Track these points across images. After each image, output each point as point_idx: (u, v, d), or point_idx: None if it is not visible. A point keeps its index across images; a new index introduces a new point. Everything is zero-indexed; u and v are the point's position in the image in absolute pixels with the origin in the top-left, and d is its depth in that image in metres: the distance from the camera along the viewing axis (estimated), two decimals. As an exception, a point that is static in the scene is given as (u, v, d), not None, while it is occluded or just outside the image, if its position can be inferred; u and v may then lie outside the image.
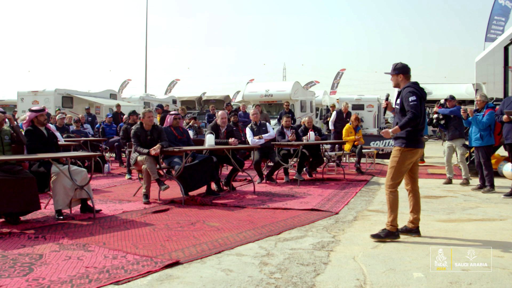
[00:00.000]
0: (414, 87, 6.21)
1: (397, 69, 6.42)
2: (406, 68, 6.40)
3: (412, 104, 6.03)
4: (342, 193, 9.87)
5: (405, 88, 6.24)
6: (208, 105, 33.50)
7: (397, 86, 6.49)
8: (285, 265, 5.06)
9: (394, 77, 6.45)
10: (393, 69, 6.44)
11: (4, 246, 5.80)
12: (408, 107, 6.07)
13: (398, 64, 6.44)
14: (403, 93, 6.25)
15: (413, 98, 6.06)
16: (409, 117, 6.02)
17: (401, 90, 6.32)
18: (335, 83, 53.34)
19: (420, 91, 6.19)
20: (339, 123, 16.65)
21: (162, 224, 7.06)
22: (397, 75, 6.41)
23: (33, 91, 25.22)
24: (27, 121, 8.11)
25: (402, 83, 6.38)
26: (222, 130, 10.72)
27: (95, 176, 12.18)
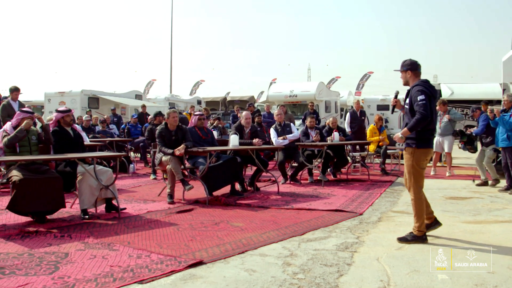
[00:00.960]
0: (423, 85, 6.03)
1: (405, 65, 6.25)
2: (415, 65, 6.22)
3: (421, 103, 5.86)
4: (367, 194, 9.82)
5: (414, 87, 6.08)
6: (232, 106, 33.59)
7: (406, 84, 6.31)
8: (309, 266, 5.05)
9: (403, 74, 6.26)
10: (402, 65, 6.27)
11: (31, 245, 5.88)
12: (416, 106, 5.90)
13: (406, 60, 6.27)
14: (412, 91, 6.09)
15: (421, 97, 5.89)
16: (417, 117, 5.86)
17: (410, 89, 6.17)
18: (361, 84, 53.00)
19: (430, 89, 6.01)
20: (354, 122, 16.47)
21: (186, 224, 7.09)
22: (406, 71, 6.23)
23: (60, 92, 25.50)
24: (53, 121, 8.21)
25: (411, 80, 6.20)
26: (246, 131, 10.73)
27: (120, 176, 12.28)
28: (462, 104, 28.76)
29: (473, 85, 31.05)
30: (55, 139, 7.89)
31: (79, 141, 8.35)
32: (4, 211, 7.96)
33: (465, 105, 28.89)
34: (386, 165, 14.09)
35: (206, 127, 10.41)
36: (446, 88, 28.54)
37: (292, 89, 26.68)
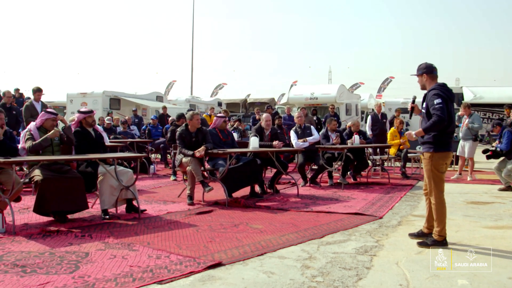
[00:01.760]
0: (440, 89, 5.98)
1: (421, 69, 6.21)
2: (430, 68, 6.17)
3: (437, 106, 5.80)
4: (387, 198, 9.77)
5: (431, 91, 6.02)
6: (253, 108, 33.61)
7: (423, 87, 6.25)
8: (327, 269, 5.04)
9: (419, 78, 6.22)
10: (417, 69, 6.23)
11: (52, 244, 5.94)
12: (433, 110, 5.84)
13: (422, 64, 6.23)
14: (428, 95, 6.04)
15: (438, 101, 5.83)
16: (433, 120, 5.80)
17: (427, 93, 6.11)
18: (382, 87, 52.76)
19: (447, 93, 5.95)
20: (375, 125, 16.38)
21: (206, 226, 7.11)
22: (421, 75, 6.19)
23: (82, 93, 25.71)
24: (75, 122, 8.28)
25: (428, 84, 6.15)
26: (266, 133, 10.73)
27: (141, 177, 12.35)
28: (485, 108, 28.50)
29: (496, 88, 30.72)
30: (77, 139, 7.96)
31: (101, 142, 8.41)
32: (26, 210, 8.07)
33: (488, 109, 28.61)
34: (406, 168, 13.99)
35: (227, 129, 10.43)
36: (469, 91, 28.28)
37: (312, 91, 26.64)
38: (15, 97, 16.66)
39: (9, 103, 13.53)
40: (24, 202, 8.33)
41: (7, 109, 12.42)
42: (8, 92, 14.13)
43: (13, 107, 13.70)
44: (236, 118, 21.28)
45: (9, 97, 13.82)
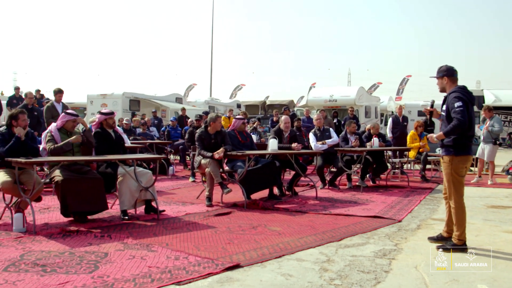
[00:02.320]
0: (460, 92, 5.91)
1: (441, 71, 6.14)
2: (451, 71, 6.11)
3: (458, 110, 5.74)
4: (406, 201, 9.71)
5: (451, 94, 5.95)
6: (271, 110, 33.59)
7: (443, 90, 6.18)
8: (346, 272, 5.03)
9: (439, 80, 6.15)
10: (438, 71, 6.16)
11: (72, 244, 5.99)
12: (454, 113, 5.77)
13: (442, 66, 6.16)
14: (448, 98, 5.97)
15: (459, 104, 5.77)
16: (454, 123, 5.74)
17: (447, 96, 6.05)
18: (401, 89, 52.48)
19: (467, 96, 5.89)
20: (396, 128, 16.29)
21: (224, 227, 7.13)
22: (442, 78, 6.13)
23: (102, 94, 25.87)
24: (96, 123, 8.34)
25: (448, 86, 6.08)
26: (285, 135, 10.73)
27: (160, 178, 12.41)
28: (506, 111, 28.21)
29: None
30: (97, 140, 8.02)
31: (120, 143, 8.46)
32: (46, 210, 8.15)
33: (509, 112, 28.32)
34: (426, 171, 13.90)
35: (246, 131, 10.44)
36: (490, 94, 28.01)
37: (332, 93, 26.59)
38: (36, 98, 16.82)
39: (30, 104, 13.68)
40: (45, 202, 8.42)
41: (28, 110, 12.53)
42: (30, 93, 14.29)
43: (34, 108, 13.85)
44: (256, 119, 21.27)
45: (30, 98, 13.97)
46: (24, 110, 7.60)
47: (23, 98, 16.17)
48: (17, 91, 18.63)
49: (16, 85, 20.93)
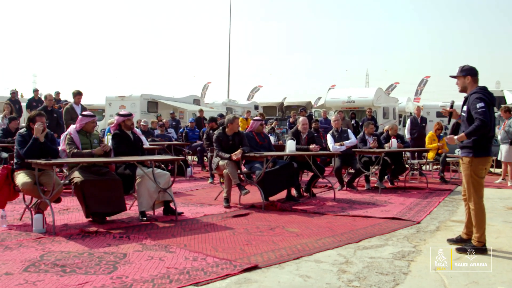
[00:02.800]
0: (482, 92, 5.83)
1: (464, 70, 6.05)
2: (474, 70, 6.03)
3: (480, 111, 5.66)
4: (425, 202, 9.65)
5: (472, 94, 5.87)
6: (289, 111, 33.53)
7: (463, 90, 6.10)
8: (364, 274, 5.00)
9: (461, 79, 6.06)
10: (460, 70, 6.06)
11: (91, 244, 6.03)
12: (476, 114, 5.69)
13: (465, 65, 6.07)
14: (470, 99, 5.89)
15: (481, 105, 5.69)
16: (476, 124, 5.66)
17: (468, 96, 5.97)
18: (419, 90, 52.06)
19: (489, 97, 5.82)
20: (414, 129, 16.19)
21: (242, 228, 7.13)
22: (465, 77, 6.03)
23: (120, 96, 25.98)
24: (114, 124, 8.39)
25: (470, 86, 6.00)
26: (303, 136, 10.70)
27: (178, 180, 12.44)
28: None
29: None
30: (115, 142, 8.06)
31: (139, 145, 8.50)
32: (66, 211, 8.22)
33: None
34: (445, 173, 13.79)
35: (263, 132, 10.44)
36: (510, 94, 27.71)
37: (349, 94, 26.49)
38: (56, 100, 16.96)
39: (50, 106, 13.80)
40: (64, 203, 8.48)
41: (48, 112, 12.66)
42: (49, 96, 14.41)
43: (54, 110, 13.96)
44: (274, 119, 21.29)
45: (50, 100, 14.09)
46: (42, 112, 7.65)
47: (42, 100, 16.33)
48: (36, 93, 18.79)
49: (35, 87, 21.07)
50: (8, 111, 14.79)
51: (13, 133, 11.37)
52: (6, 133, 11.93)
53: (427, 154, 13.85)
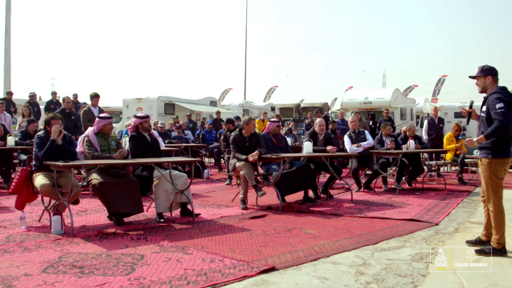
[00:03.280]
0: (502, 92, 5.75)
1: (485, 70, 5.96)
2: (494, 70, 5.95)
3: (499, 111, 5.58)
4: (443, 204, 9.58)
5: (492, 94, 5.79)
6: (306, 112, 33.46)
7: (483, 90, 6.01)
8: (382, 276, 4.98)
9: (481, 79, 5.97)
10: (480, 70, 5.98)
11: (109, 246, 6.06)
12: (495, 115, 5.61)
13: (485, 65, 5.98)
14: (489, 99, 5.81)
15: (500, 105, 5.61)
16: (496, 125, 5.58)
17: (487, 97, 5.89)
18: (436, 90, 51.67)
19: (509, 97, 5.72)
20: (432, 130, 16.09)
21: (259, 230, 7.13)
22: (485, 76, 5.95)
23: (137, 98, 26.07)
24: (132, 126, 8.43)
25: (490, 86, 5.91)
26: (320, 138, 10.68)
27: (195, 181, 12.46)
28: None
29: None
30: (133, 144, 8.10)
31: (156, 146, 8.53)
32: (84, 212, 8.27)
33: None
34: (463, 174, 13.68)
35: (280, 134, 10.43)
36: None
37: (366, 95, 26.37)
38: (73, 102, 17.09)
39: (68, 109, 13.89)
40: (82, 204, 8.54)
41: (66, 115, 12.75)
42: (67, 98, 14.51)
43: (72, 113, 14.05)
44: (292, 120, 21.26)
45: (68, 103, 14.18)
46: (57, 115, 7.70)
47: (60, 103, 16.44)
48: (55, 96, 18.94)
49: (54, 90, 21.27)
50: (27, 113, 14.91)
51: (31, 135, 11.46)
52: (25, 136, 12.03)
53: (445, 155, 13.75)
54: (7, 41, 26.46)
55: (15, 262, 5.30)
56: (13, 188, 7.33)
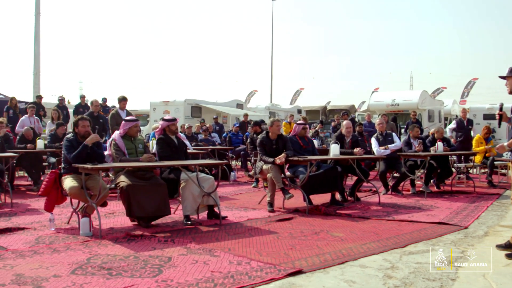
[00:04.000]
0: None
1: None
2: None
3: None
4: (472, 207, 9.46)
5: None
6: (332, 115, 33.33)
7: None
8: (410, 279, 4.92)
9: (511, 80, 5.91)
10: (510, 70, 5.87)
11: (136, 248, 6.10)
12: None
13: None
14: None
15: None
16: None
17: None
18: (465, 92, 51.04)
19: None
20: (460, 131, 15.90)
21: (286, 233, 7.11)
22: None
23: (164, 101, 26.25)
24: (159, 129, 8.48)
25: None
26: (347, 140, 10.63)
27: (222, 184, 12.49)
28: None
29: None
30: (160, 146, 8.15)
31: (183, 149, 8.56)
32: (112, 215, 8.33)
33: None
34: (493, 176, 13.50)
35: (307, 136, 10.40)
36: None
37: (394, 97, 26.20)
38: (102, 106, 17.27)
39: (96, 112, 14.06)
40: (110, 207, 8.61)
41: (94, 118, 12.90)
42: (95, 101, 14.69)
43: (100, 116, 14.22)
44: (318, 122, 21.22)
45: (96, 106, 14.36)
46: (84, 116, 7.81)
47: (89, 106, 16.63)
48: (83, 99, 19.15)
49: (82, 94, 21.51)
50: (56, 117, 15.11)
51: (60, 138, 11.61)
52: (54, 139, 12.20)
53: (474, 158, 13.58)
54: (37, 46, 26.80)
55: (44, 263, 5.37)
56: (43, 190, 7.43)
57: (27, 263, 5.38)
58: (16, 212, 8.70)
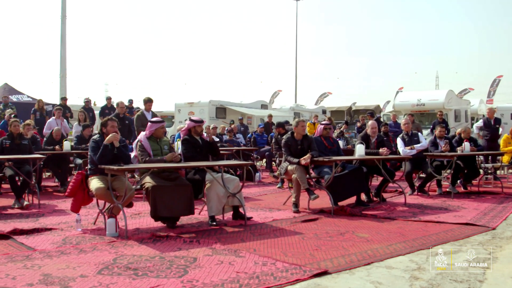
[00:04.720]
0: None
1: None
2: None
3: None
4: (500, 208, 9.33)
5: None
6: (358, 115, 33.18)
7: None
8: (437, 281, 4.87)
9: None
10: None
11: (162, 248, 6.13)
12: None
13: None
14: None
15: None
16: None
17: None
18: (491, 91, 50.38)
19: None
20: (487, 131, 15.70)
21: (311, 233, 7.09)
22: None
23: (189, 103, 26.37)
24: (185, 129, 8.51)
25: None
26: (372, 140, 10.56)
27: (247, 184, 12.47)
28: None
29: None
30: (185, 147, 8.17)
31: (211, 149, 8.56)
32: (137, 215, 8.39)
33: None
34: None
35: (332, 137, 10.36)
36: None
37: (419, 97, 26.01)
38: (128, 107, 17.40)
39: (122, 113, 14.17)
40: (136, 207, 8.66)
41: (120, 119, 12.99)
42: (121, 103, 14.80)
43: (126, 117, 14.34)
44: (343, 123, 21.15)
45: (122, 108, 14.48)
46: (113, 117, 7.87)
47: (115, 108, 16.77)
48: (109, 101, 19.34)
49: (108, 96, 21.70)
50: (82, 118, 15.27)
51: (86, 140, 11.72)
52: (80, 140, 12.33)
53: (501, 158, 13.41)
54: (63, 49, 27.15)
55: (71, 264, 5.42)
56: (69, 191, 7.51)
57: (54, 263, 5.44)
58: (43, 213, 8.80)
